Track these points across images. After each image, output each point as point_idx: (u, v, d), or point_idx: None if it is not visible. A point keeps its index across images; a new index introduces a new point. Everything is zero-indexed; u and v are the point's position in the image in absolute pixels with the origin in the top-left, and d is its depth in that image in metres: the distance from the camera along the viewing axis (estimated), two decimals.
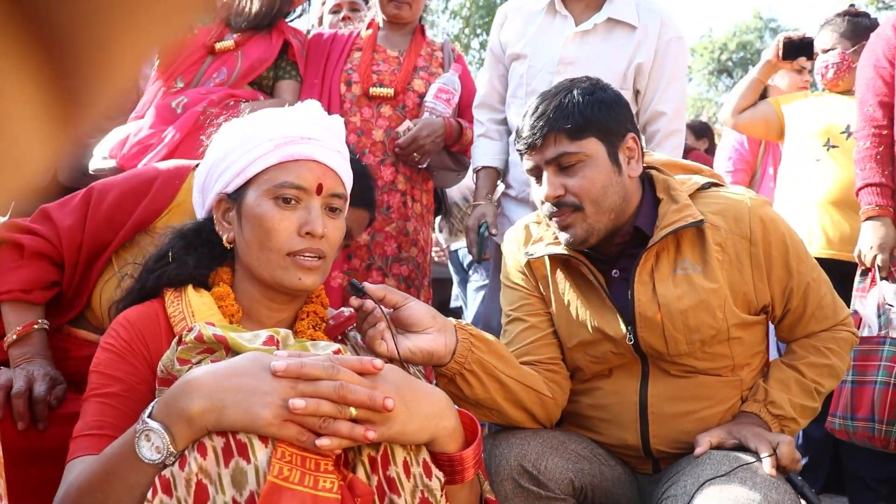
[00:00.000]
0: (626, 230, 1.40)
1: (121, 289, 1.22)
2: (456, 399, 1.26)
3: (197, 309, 1.11)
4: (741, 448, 1.29)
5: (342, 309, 1.26)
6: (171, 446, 0.86)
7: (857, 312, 2.12)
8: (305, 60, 2.35)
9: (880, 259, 2.14)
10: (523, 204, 2.17)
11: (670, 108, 2.11)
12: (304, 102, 1.22)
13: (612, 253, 1.42)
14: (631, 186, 1.39)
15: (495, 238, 2.16)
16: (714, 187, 1.46)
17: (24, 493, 1.11)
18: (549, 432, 1.39)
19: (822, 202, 2.53)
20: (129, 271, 1.23)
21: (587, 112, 1.33)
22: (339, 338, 1.22)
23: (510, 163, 2.24)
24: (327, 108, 2.12)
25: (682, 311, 1.34)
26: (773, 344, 1.65)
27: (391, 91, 2.27)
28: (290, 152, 1.11)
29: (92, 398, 1.03)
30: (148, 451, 0.86)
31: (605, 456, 1.42)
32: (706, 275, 1.35)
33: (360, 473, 0.91)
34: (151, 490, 0.84)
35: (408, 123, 2.24)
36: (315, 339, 1.12)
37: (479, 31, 18.19)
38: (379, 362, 0.94)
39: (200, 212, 1.23)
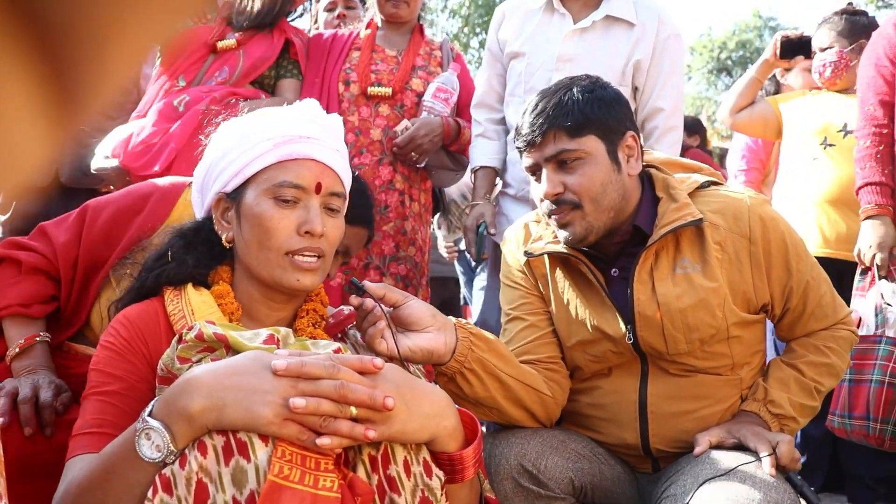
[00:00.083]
0: (625, 229, 1.40)
1: (120, 288, 1.22)
2: (456, 398, 1.26)
3: (197, 307, 1.11)
4: (741, 447, 1.28)
5: (342, 307, 1.26)
6: (171, 445, 0.86)
7: (856, 311, 2.13)
8: (306, 60, 2.35)
9: (879, 258, 2.14)
10: (522, 202, 2.17)
11: (668, 104, 2.11)
12: (302, 101, 1.21)
13: (612, 252, 1.42)
14: (630, 185, 1.39)
15: (494, 238, 2.16)
16: (713, 186, 1.46)
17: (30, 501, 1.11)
18: (549, 431, 1.39)
19: (818, 201, 2.53)
20: (129, 271, 1.23)
21: (587, 110, 1.33)
22: (339, 336, 1.22)
23: (508, 161, 2.24)
24: (326, 107, 2.11)
25: (682, 310, 1.33)
26: (769, 343, 1.65)
27: (389, 90, 2.27)
28: (288, 151, 1.11)
29: (91, 396, 1.03)
30: (148, 450, 0.86)
31: (605, 455, 1.42)
32: (705, 274, 1.35)
33: (361, 472, 0.91)
34: (152, 489, 0.84)
35: (406, 123, 2.23)
36: (315, 338, 1.12)
37: (478, 29, 18.19)
38: (379, 361, 0.94)
39: (199, 211, 1.23)
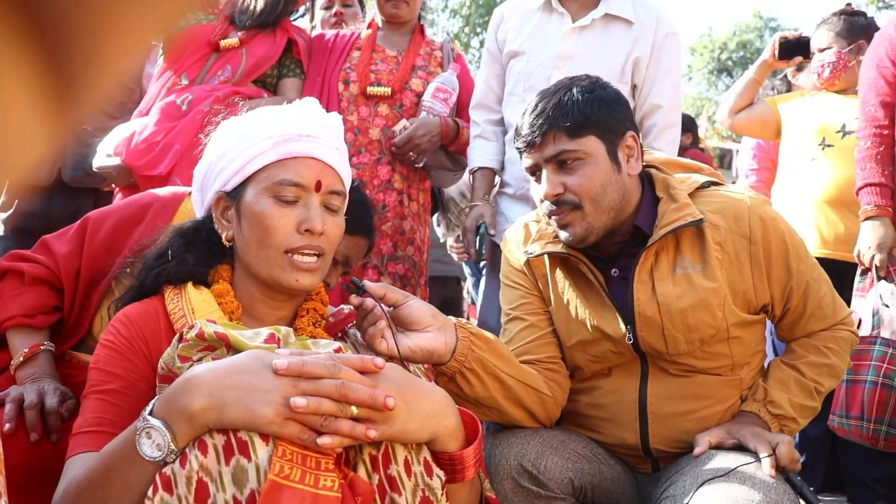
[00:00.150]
0: (625, 229, 1.40)
1: (121, 286, 1.22)
2: (456, 398, 1.26)
3: (197, 306, 1.11)
4: (740, 448, 1.28)
5: (342, 306, 1.26)
6: (171, 444, 0.86)
7: (856, 312, 2.13)
8: (309, 59, 2.36)
9: (878, 259, 2.14)
10: (520, 201, 2.17)
11: (667, 101, 2.12)
12: (302, 100, 1.21)
13: (612, 252, 1.42)
14: (630, 185, 1.38)
15: (493, 238, 2.16)
16: (714, 186, 1.46)
17: None
18: (549, 431, 1.39)
19: (817, 201, 2.53)
20: (129, 270, 1.23)
21: (586, 110, 1.33)
22: (339, 335, 1.22)
23: (507, 161, 2.24)
24: (326, 106, 2.11)
25: (682, 310, 1.33)
26: (768, 344, 1.65)
27: (388, 90, 2.27)
28: (288, 150, 1.11)
29: (91, 395, 1.03)
30: (149, 449, 0.86)
31: (605, 455, 1.42)
32: (705, 274, 1.35)
33: (361, 472, 0.91)
34: (152, 488, 0.84)
35: (404, 122, 2.23)
36: (315, 337, 1.12)
37: (478, 29, 18.20)
38: (380, 361, 0.94)
39: (199, 210, 1.23)
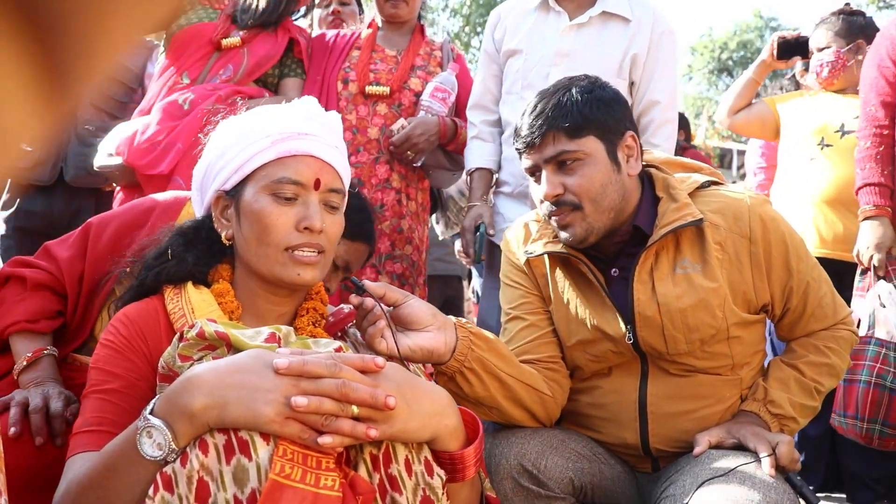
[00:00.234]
0: (625, 229, 1.40)
1: (123, 288, 1.22)
2: (456, 397, 1.26)
3: (197, 305, 1.11)
4: (740, 447, 1.28)
5: (342, 306, 1.26)
6: (172, 443, 0.86)
7: (855, 312, 2.14)
8: (309, 59, 2.36)
9: (876, 259, 2.15)
10: (517, 200, 2.18)
11: (664, 97, 2.14)
12: (300, 99, 1.22)
13: (612, 252, 1.42)
14: (630, 185, 1.39)
15: (492, 238, 2.16)
16: (714, 186, 1.46)
17: None
18: (549, 431, 1.39)
19: (816, 201, 2.53)
20: (130, 270, 1.23)
21: (586, 110, 1.33)
22: (339, 335, 1.22)
23: (504, 159, 2.24)
24: (325, 105, 2.11)
25: (682, 310, 1.33)
26: (767, 343, 1.65)
27: (387, 89, 2.27)
28: (286, 148, 1.11)
29: (91, 395, 1.03)
30: (149, 448, 0.86)
31: (605, 455, 1.42)
32: (706, 274, 1.35)
33: (362, 471, 0.91)
34: (153, 487, 0.84)
35: (402, 121, 2.24)
36: (315, 336, 1.12)
37: (479, 29, 18.20)
38: (380, 360, 0.94)
39: (199, 210, 1.23)
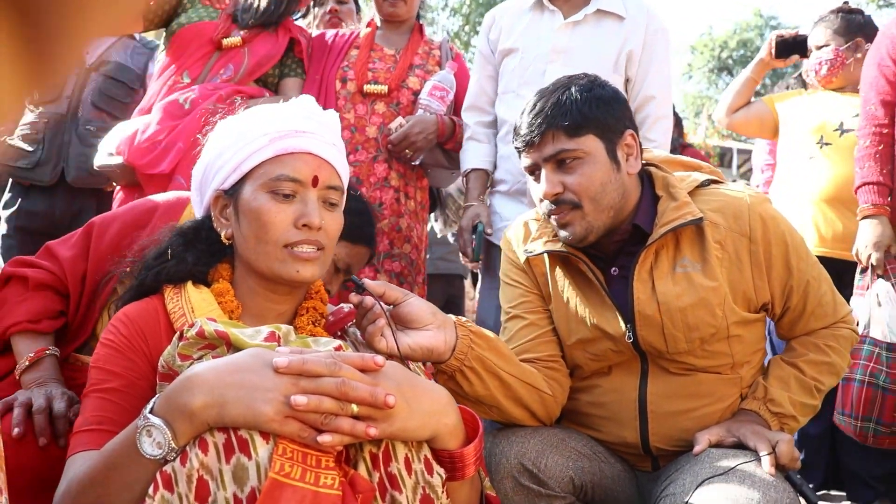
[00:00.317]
0: (624, 227, 1.40)
1: (124, 287, 1.22)
2: (456, 396, 1.26)
3: (196, 305, 1.11)
4: (740, 446, 1.28)
5: (342, 305, 1.26)
6: (172, 442, 0.86)
7: (854, 311, 2.14)
8: (309, 58, 2.36)
9: (874, 258, 2.15)
10: (514, 198, 2.19)
11: (659, 93, 2.16)
12: (298, 97, 1.22)
13: (612, 250, 1.42)
14: (630, 183, 1.39)
15: (490, 237, 2.17)
16: (714, 184, 1.45)
17: None
18: (549, 430, 1.39)
19: (815, 200, 2.53)
20: (130, 270, 1.23)
21: (585, 109, 1.33)
22: (339, 334, 1.22)
23: (500, 157, 2.26)
24: (323, 104, 2.12)
25: (682, 309, 1.33)
26: (766, 342, 1.65)
27: (385, 88, 2.28)
28: (284, 146, 1.11)
29: (92, 394, 1.04)
30: (149, 447, 0.87)
31: (605, 454, 1.42)
32: (705, 273, 1.35)
33: (362, 470, 0.91)
34: (153, 486, 0.84)
35: (400, 120, 2.24)
36: (315, 335, 1.12)
37: (478, 28, 18.17)
38: (380, 359, 0.94)
39: (199, 210, 1.24)
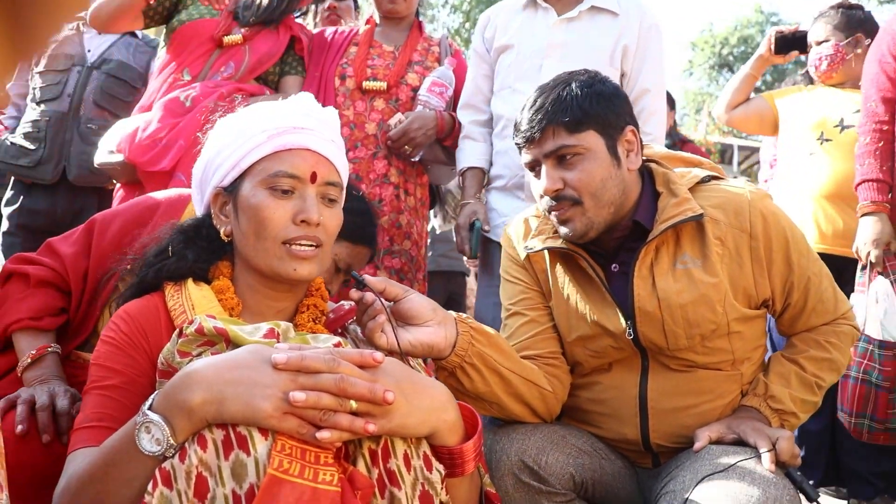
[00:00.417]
0: (625, 224, 1.39)
1: (126, 284, 1.23)
2: (456, 392, 1.26)
3: (197, 302, 1.11)
4: (741, 443, 1.28)
5: (342, 303, 1.27)
6: (171, 438, 0.86)
7: (855, 307, 2.15)
8: (309, 56, 2.37)
9: (873, 255, 2.16)
10: (510, 194, 2.20)
11: (654, 86, 2.17)
12: (297, 95, 1.22)
13: (612, 247, 1.42)
14: (630, 180, 1.38)
15: (487, 234, 2.17)
16: (714, 181, 1.45)
17: None
18: (550, 427, 1.39)
19: (815, 196, 2.53)
20: (131, 267, 1.23)
21: (586, 105, 1.32)
22: (339, 331, 1.23)
23: (496, 153, 2.26)
24: (322, 101, 2.12)
25: (682, 305, 1.33)
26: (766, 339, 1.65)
27: (384, 84, 2.28)
28: (283, 142, 1.12)
29: (92, 391, 1.04)
30: (148, 443, 0.87)
31: (606, 450, 1.42)
32: (706, 269, 1.34)
33: (361, 466, 0.91)
34: (152, 482, 0.84)
35: (399, 116, 2.25)
36: (315, 333, 1.12)
37: None
38: (379, 355, 0.94)
39: (199, 208, 1.24)
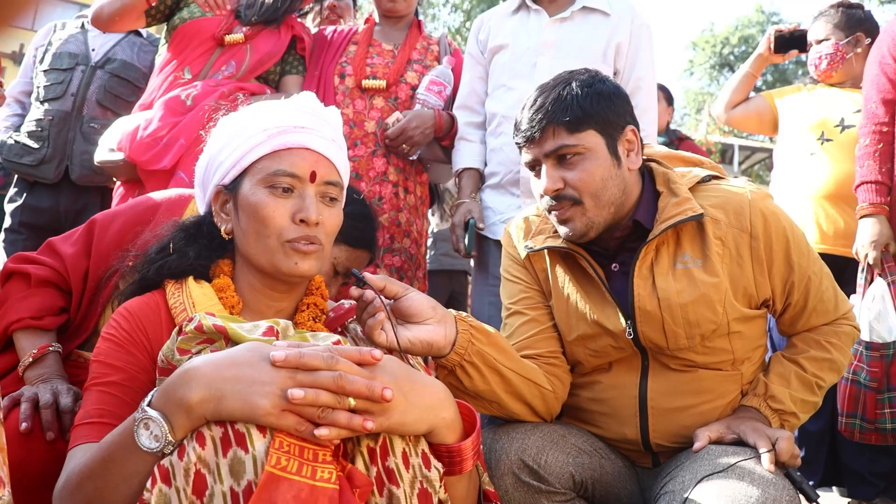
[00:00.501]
0: (625, 224, 1.39)
1: (125, 282, 1.23)
2: (456, 391, 1.26)
3: (197, 300, 1.12)
4: (740, 443, 1.28)
5: (342, 301, 1.27)
6: (169, 435, 0.86)
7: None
8: (309, 55, 2.37)
9: (871, 257, 2.16)
10: (506, 192, 2.21)
11: (646, 84, 2.20)
12: (299, 94, 1.23)
13: (612, 246, 1.42)
14: (630, 179, 1.38)
15: (482, 231, 2.18)
16: (714, 180, 1.45)
17: None
18: (550, 426, 1.39)
19: (816, 196, 2.53)
20: (132, 264, 1.24)
21: (586, 104, 1.32)
22: (340, 329, 1.23)
23: (490, 151, 2.28)
24: (322, 99, 2.12)
25: (682, 305, 1.33)
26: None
27: (383, 83, 2.29)
28: (282, 141, 1.12)
29: (93, 387, 1.04)
30: (146, 440, 0.87)
31: (606, 450, 1.42)
32: (706, 269, 1.34)
33: (359, 464, 0.91)
34: (150, 479, 0.84)
35: (397, 115, 2.25)
36: (315, 331, 1.12)
37: None
38: (378, 353, 0.94)
39: (201, 206, 1.24)
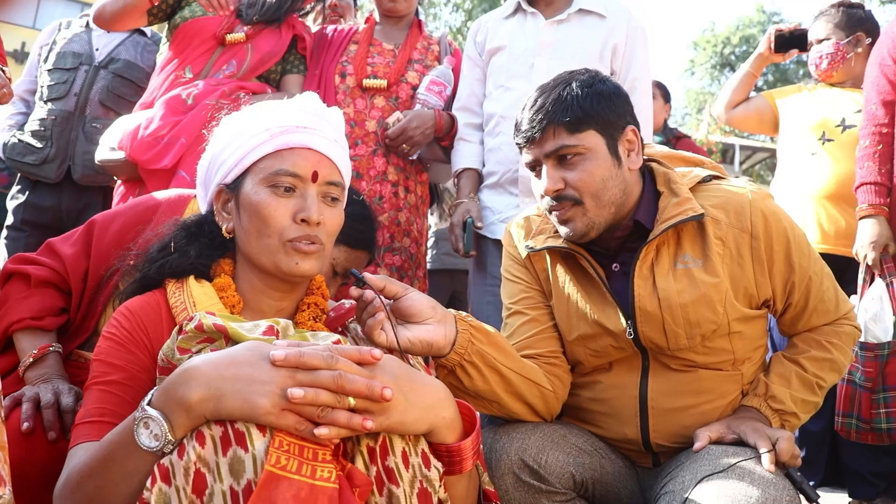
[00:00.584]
0: (626, 224, 1.39)
1: (126, 282, 1.23)
2: (456, 391, 1.26)
3: (198, 299, 1.12)
4: (741, 443, 1.28)
5: (343, 301, 1.27)
6: (169, 434, 0.86)
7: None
8: (310, 54, 2.37)
9: (870, 258, 2.16)
10: (504, 191, 2.22)
11: (642, 85, 2.22)
12: (302, 94, 1.23)
13: (613, 246, 1.42)
14: (631, 179, 1.38)
15: (480, 230, 2.19)
16: (715, 180, 1.45)
17: None
18: (550, 426, 1.39)
19: (817, 196, 2.53)
20: (133, 263, 1.24)
21: (586, 105, 1.32)
22: (340, 329, 1.23)
23: (487, 150, 2.28)
24: (323, 98, 2.12)
25: (683, 305, 1.33)
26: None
27: (384, 82, 2.29)
28: (284, 141, 1.12)
29: (93, 386, 1.04)
30: (146, 439, 0.87)
31: (606, 449, 1.42)
32: (707, 269, 1.34)
33: (359, 463, 0.91)
34: (150, 479, 0.84)
35: (398, 114, 2.26)
36: (315, 331, 1.12)
37: None
38: (378, 352, 0.94)
39: (203, 206, 1.24)
